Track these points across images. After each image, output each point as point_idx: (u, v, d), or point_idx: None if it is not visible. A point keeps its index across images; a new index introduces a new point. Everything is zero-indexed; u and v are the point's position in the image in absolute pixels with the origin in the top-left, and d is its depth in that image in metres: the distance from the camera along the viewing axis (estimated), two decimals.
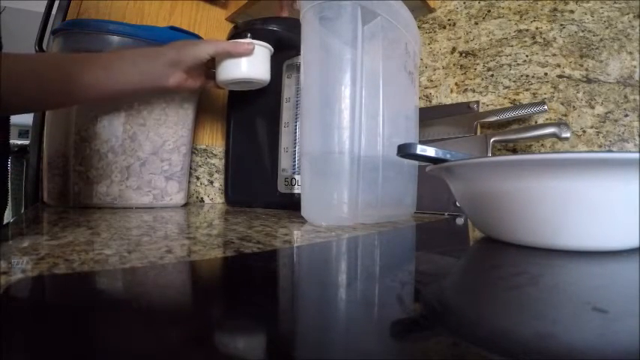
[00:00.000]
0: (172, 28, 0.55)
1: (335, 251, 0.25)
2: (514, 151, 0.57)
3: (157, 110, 0.54)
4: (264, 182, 0.59)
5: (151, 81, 0.45)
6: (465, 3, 0.64)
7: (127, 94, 0.48)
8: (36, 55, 0.39)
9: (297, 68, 0.56)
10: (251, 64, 0.51)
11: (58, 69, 0.39)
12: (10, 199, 0.54)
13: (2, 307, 0.12)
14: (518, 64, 0.57)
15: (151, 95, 0.53)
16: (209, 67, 0.53)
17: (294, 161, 0.55)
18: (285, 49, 0.56)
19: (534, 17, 0.56)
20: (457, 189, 0.30)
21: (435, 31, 0.68)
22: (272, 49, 0.53)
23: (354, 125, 0.37)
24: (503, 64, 0.58)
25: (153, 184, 0.55)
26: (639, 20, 0.48)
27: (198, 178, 0.72)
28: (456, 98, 0.63)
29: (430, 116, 0.61)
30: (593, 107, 0.50)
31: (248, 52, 0.50)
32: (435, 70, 0.67)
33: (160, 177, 0.56)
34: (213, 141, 0.75)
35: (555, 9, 0.54)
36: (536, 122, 0.55)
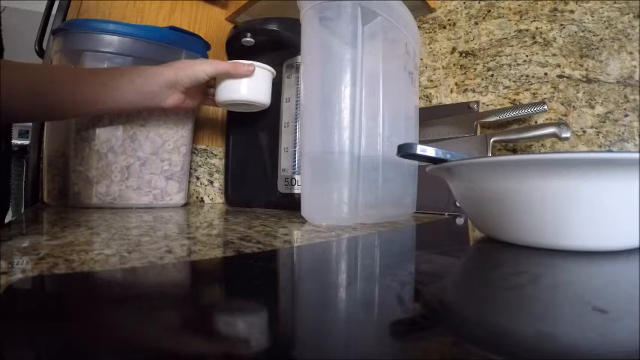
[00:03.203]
0: (172, 28, 0.55)
1: (335, 251, 0.25)
2: (514, 151, 0.57)
3: (157, 110, 0.54)
4: (264, 182, 0.59)
5: (149, 100, 0.45)
6: (465, 3, 0.64)
7: (123, 111, 0.48)
8: (32, 65, 0.39)
9: (297, 68, 0.56)
10: (251, 87, 0.50)
11: (54, 83, 0.39)
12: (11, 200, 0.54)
13: (2, 307, 0.12)
14: (518, 64, 0.57)
15: (149, 111, 0.53)
16: (209, 85, 0.53)
17: (294, 161, 0.55)
18: (285, 49, 0.56)
19: (534, 17, 0.56)
20: (457, 189, 0.30)
21: (435, 31, 0.68)
22: (274, 71, 0.53)
23: (354, 125, 0.37)
24: (503, 64, 0.58)
25: (153, 184, 0.55)
26: (639, 20, 0.48)
27: (198, 178, 0.72)
28: (456, 98, 0.63)
29: (430, 116, 0.61)
30: (593, 107, 0.50)
31: (248, 74, 0.49)
32: (435, 70, 0.67)
33: (160, 177, 0.56)
34: (213, 141, 0.75)
35: (555, 9, 0.54)
36: (536, 122, 0.55)
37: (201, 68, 0.46)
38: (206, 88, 0.53)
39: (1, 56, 0.44)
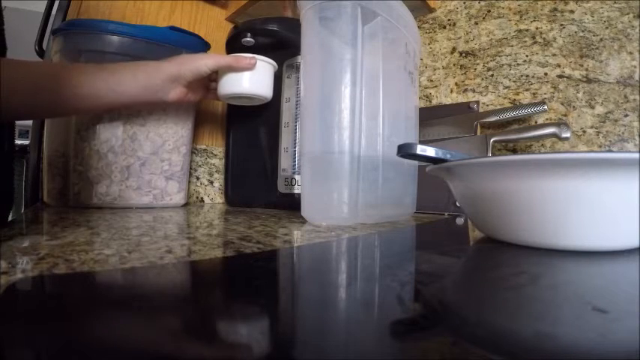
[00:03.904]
0: (172, 28, 0.55)
1: (335, 251, 0.25)
2: (514, 151, 0.57)
3: (157, 110, 0.54)
4: (264, 182, 0.59)
5: (151, 95, 0.45)
6: (465, 3, 0.64)
7: (126, 106, 0.48)
8: (33, 62, 0.39)
9: (297, 68, 0.56)
10: (252, 80, 0.50)
11: (56, 78, 0.39)
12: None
13: (2, 307, 0.12)
14: (518, 64, 0.57)
15: (150, 106, 0.53)
16: (211, 79, 0.53)
17: (294, 161, 0.55)
18: (285, 49, 0.56)
19: (534, 17, 0.56)
20: (457, 189, 0.30)
21: (435, 31, 0.68)
22: (276, 65, 0.53)
23: (354, 125, 0.37)
24: (503, 64, 0.58)
25: (153, 184, 0.55)
26: (639, 20, 0.48)
27: (198, 178, 0.72)
28: (456, 98, 0.63)
29: (430, 116, 0.61)
30: (593, 107, 0.50)
31: (250, 67, 0.49)
32: (435, 70, 0.67)
33: (160, 177, 0.56)
34: (213, 141, 0.75)
35: (555, 9, 0.54)
36: (536, 122, 0.55)
37: (203, 62, 0.47)
38: (208, 82, 0.53)
39: (4, 55, 0.45)
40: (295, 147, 0.55)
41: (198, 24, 0.73)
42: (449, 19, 0.66)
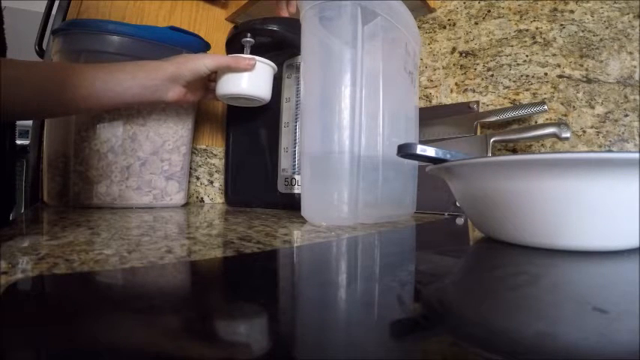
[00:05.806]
0: (172, 28, 0.55)
1: (335, 251, 0.25)
2: (514, 151, 0.57)
3: (157, 110, 0.54)
4: (264, 182, 0.59)
5: (150, 94, 0.45)
6: (465, 3, 0.64)
7: (125, 105, 0.49)
8: (34, 62, 0.39)
9: (297, 68, 0.56)
10: (251, 81, 0.50)
11: (57, 79, 0.39)
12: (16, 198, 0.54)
13: (2, 307, 0.12)
14: (518, 64, 0.57)
15: (150, 106, 0.53)
16: (210, 79, 0.53)
17: (294, 161, 0.55)
18: (285, 49, 0.56)
19: (534, 17, 0.56)
20: (457, 189, 0.30)
21: (435, 31, 0.68)
22: (275, 67, 0.53)
23: (354, 125, 0.37)
24: (503, 64, 0.58)
25: (153, 184, 0.55)
26: (639, 20, 0.48)
27: (198, 178, 0.72)
28: (456, 98, 0.63)
29: (430, 116, 0.61)
30: (593, 107, 0.50)
31: (249, 68, 0.49)
32: (435, 70, 0.67)
33: (160, 177, 0.56)
34: (213, 141, 0.75)
35: (555, 9, 0.54)
36: (536, 122, 0.55)
37: (202, 62, 0.47)
38: (207, 82, 0.53)
39: (4, 54, 0.44)
40: (295, 147, 0.55)
41: (198, 24, 0.73)
42: (449, 19, 0.66)
